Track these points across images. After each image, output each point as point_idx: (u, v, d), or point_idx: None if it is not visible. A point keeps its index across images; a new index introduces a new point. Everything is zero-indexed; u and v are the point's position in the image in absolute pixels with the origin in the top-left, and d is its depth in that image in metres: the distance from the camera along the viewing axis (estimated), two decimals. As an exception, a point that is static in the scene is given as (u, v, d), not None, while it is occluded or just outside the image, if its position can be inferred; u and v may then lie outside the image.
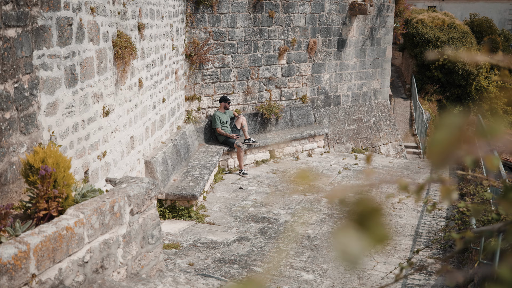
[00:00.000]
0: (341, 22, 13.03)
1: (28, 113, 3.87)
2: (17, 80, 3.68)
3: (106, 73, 5.60)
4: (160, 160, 7.93)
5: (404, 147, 15.27)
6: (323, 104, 13.15)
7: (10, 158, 3.64)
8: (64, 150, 4.52)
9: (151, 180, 4.46)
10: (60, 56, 4.40)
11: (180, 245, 6.62)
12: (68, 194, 3.61)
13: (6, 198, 3.63)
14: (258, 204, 8.65)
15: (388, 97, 15.32)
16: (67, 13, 4.51)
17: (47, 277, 3.09)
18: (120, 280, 3.98)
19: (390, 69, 15.33)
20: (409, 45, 20.97)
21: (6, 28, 3.51)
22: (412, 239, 7.30)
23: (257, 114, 11.75)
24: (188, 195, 7.88)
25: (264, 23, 11.56)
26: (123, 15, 6.20)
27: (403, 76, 22.31)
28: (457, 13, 28.68)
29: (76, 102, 4.78)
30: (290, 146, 11.93)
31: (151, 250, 4.42)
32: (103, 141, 5.59)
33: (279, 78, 12.09)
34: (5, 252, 2.78)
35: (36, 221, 3.41)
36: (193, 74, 10.72)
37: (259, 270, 6.01)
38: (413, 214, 8.44)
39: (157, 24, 7.97)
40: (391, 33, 14.72)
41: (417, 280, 5.90)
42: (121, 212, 3.93)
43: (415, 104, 18.46)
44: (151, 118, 7.85)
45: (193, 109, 10.83)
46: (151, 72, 7.76)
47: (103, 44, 5.48)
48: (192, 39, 10.54)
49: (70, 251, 3.29)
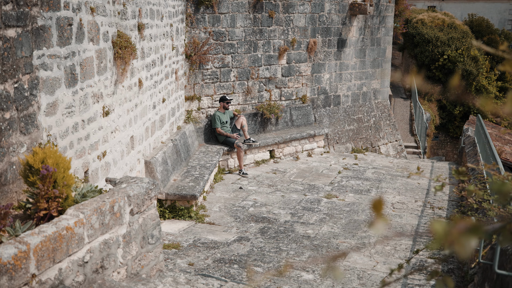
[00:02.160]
0: (341, 22, 13.03)
1: (28, 113, 3.87)
2: (17, 80, 3.68)
3: (106, 73, 5.60)
4: (160, 160, 7.93)
5: (404, 147, 15.28)
6: (323, 104, 13.15)
7: (10, 158, 3.64)
8: (64, 150, 4.52)
9: (151, 180, 4.46)
10: (60, 56, 4.40)
11: (180, 245, 6.62)
12: (68, 194, 3.61)
13: (6, 198, 3.63)
14: (258, 204, 8.65)
15: (388, 97, 15.32)
16: (67, 13, 4.51)
17: (47, 277, 3.09)
18: (120, 280, 3.98)
19: (390, 69, 15.34)
20: (409, 45, 20.98)
21: (6, 28, 3.51)
22: (412, 239, 7.30)
23: (257, 114, 11.75)
24: (188, 195, 7.88)
25: (264, 23, 11.56)
26: (123, 15, 6.20)
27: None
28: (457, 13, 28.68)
29: (76, 102, 4.78)
30: (290, 146, 11.93)
31: (151, 250, 4.42)
32: (103, 141, 5.59)
33: (279, 78, 12.10)
34: (5, 252, 2.78)
35: (36, 221, 3.41)
36: (193, 74, 10.72)
37: (259, 270, 6.01)
38: (413, 214, 8.44)
39: (157, 24, 7.97)
40: (391, 33, 14.72)
41: (417, 280, 5.89)
42: (121, 212, 3.93)
43: (415, 104, 18.47)
44: (151, 118, 7.85)
45: (193, 109, 10.83)
46: (151, 72, 7.76)
47: (103, 44, 5.48)
48: (192, 39, 10.54)
49: (70, 251, 3.29)
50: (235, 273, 5.88)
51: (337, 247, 6.86)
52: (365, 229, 7.63)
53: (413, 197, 9.49)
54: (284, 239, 7.09)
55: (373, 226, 1.04)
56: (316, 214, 8.26)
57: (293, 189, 9.64)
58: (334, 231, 7.51)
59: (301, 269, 6.10)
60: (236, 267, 6.04)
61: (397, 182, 10.54)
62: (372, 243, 7.07)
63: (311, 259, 6.42)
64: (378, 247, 6.94)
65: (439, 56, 19.70)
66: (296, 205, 8.69)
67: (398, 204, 8.98)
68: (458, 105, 19.95)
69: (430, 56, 19.86)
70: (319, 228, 7.58)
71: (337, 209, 8.53)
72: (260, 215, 8.06)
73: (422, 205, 8.98)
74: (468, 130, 13.28)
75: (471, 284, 5.54)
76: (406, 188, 10.05)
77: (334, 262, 1.19)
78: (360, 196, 9.40)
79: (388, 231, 7.56)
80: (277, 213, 8.22)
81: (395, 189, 9.99)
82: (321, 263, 6.26)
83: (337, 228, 7.65)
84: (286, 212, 8.27)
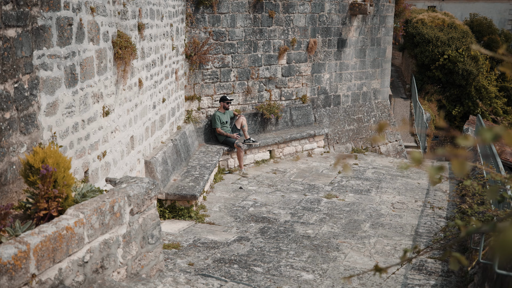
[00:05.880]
0: (341, 22, 13.03)
1: (28, 113, 3.87)
2: (17, 80, 3.68)
3: (106, 73, 5.60)
4: (160, 160, 7.93)
5: (404, 147, 15.28)
6: (323, 104, 13.15)
7: (10, 158, 3.64)
8: (64, 150, 4.52)
9: (151, 180, 4.46)
10: (60, 56, 4.40)
11: (180, 245, 6.62)
12: (68, 194, 3.61)
13: (6, 198, 3.63)
14: (258, 204, 8.65)
15: (388, 97, 15.32)
16: (67, 13, 4.51)
17: (47, 277, 3.09)
18: (120, 280, 3.98)
19: (390, 69, 15.34)
20: (409, 45, 20.96)
21: (6, 28, 3.51)
22: (412, 239, 7.30)
23: (257, 114, 11.75)
24: (188, 195, 7.88)
25: (264, 23, 11.56)
26: (123, 15, 6.20)
27: (403, 76, 22.31)
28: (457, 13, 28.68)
29: (76, 102, 4.78)
30: (290, 146, 11.93)
31: (151, 250, 4.43)
32: (103, 141, 5.59)
33: (279, 78, 12.10)
34: (5, 252, 2.78)
35: (36, 221, 3.41)
36: (193, 74, 10.72)
37: (259, 270, 6.01)
38: (413, 214, 8.44)
39: (157, 24, 7.97)
40: (391, 33, 14.71)
41: (417, 280, 5.90)
42: (121, 212, 3.93)
43: (415, 104, 18.47)
44: (151, 118, 7.85)
45: (193, 109, 10.83)
46: (151, 72, 7.76)
47: (103, 44, 5.48)
48: (192, 39, 10.54)
49: (70, 251, 3.29)
50: (235, 273, 5.88)
51: (337, 247, 6.86)
52: (365, 229, 7.63)
53: (413, 197, 9.49)
54: (284, 239, 7.09)
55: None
56: (316, 214, 8.26)
57: (293, 189, 9.64)
58: (334, 231, 7.51)
59: (301, 269, 6.10)
60: (236, 267, 6.04)
61: (397, 182, 10.54)
62: (372, 243, 7.07)
63: (311, 259, 6.42)
64: (378, 247, 6.94)
65: (439, 56, 19.69)
66: (296, 205, 8.69)
67: (398, 204, 8.98)
68: (458, 105, 19.94)
69: (430, 56, 19.86)
70: (319, 228, 7.58)
71: (337, 209, 8.53)
72: (260, 215, 8.06)
73: (422, 205, 8.98)
74: (468, 130, 13.29)
75: (471, 284, 5.54)
76: (406, 188, 10.05)
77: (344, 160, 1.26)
78: (360, 196, 9.40)
79: (388, 231, 7.56)
80: (277, 213, 8.23)
81: (395, 189, 9.99)
82: (321, 263, 6.26)
83: (337, 228, 7.65)
84: (286, 212, 8.27)
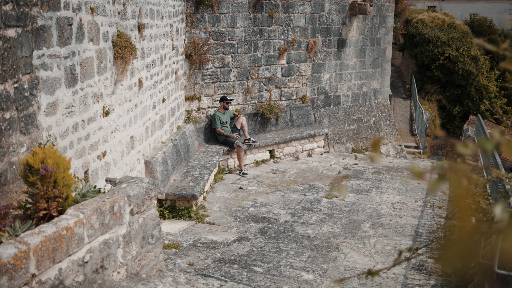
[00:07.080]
0: (341, 22, 13.03)
1: (28, 113, 3.87)
2: (17, 80, 3.68)
3: (106, 73, 5.60)
4: (160, 160, 7.93)
5: (404, 147, 15.28)
6: (323, 104, 13.15)
7: (10, 158, 3.64)
8: (64, 150, 4.52)
9: (151, 180, 4.46)
10: (60, 56, 4.40)
11: (180, 245, 6.62)
12: (68, 194, 3.61)
13: (6, 198, 3.63)
14: (258, 204, 8.65)
15: (388, 97, 15.32)
16: (67, 13, 4.51)
17: (47, 277, 3.09)
18: (120, 280, 3.98)
19: (390, 69, 15.33)
20: (409, 45, 20.97)
21: (6, 28, 3.51)
22: (412, 239, 7.30)
23: (257, 114, 11.75)
24: (188, 195, 7.88)
25: (264, 23, 11.56)
26: (123, 15, 6.20)
27: (403, 76, 22.31)
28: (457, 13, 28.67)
29: (76, 102, 4.78)
30: (290, 146, 11.93)
31: (151, 250, 4.43)
32: (103, 141, 5.59)
33: (279, 78, 12.10)
34: (5, 252, 2.78)
35: (36, 221, 3.41)
36: (193, 74, 10.72)
37: (259, 270, 6.01)
38: (413, 214, 8.44)
39: (157, 24, 7.97)
40: (391, 33, 14.71)
41: (417, 280, 5.90)
42: (121, 212, 3.93)
43: (415, 104, 18.47)
44: (151, 118, 7.85)
45: (193, 109, 10.83)
46: (151, 72, 7.76)
47: (103, 44, 5.48)
48: (192, 39, 10.54)
49: (70, 251, 3.29)
50: (235, 273, 5.88)
51: (337, 247, 6.86)
52: (365, 229, 7.63)
53: (413, 197, 9.49)
54: (284, 239, 7.09)
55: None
56: (316, 214, 8.26)
57: (293, 189, 9.64)
58: (334, 231, 7.51)
59: (301, 269, 6.10)
60: (236, 267, 6.04)
61: (397, 182, 10.54)
62: (372, 243, 7.07)
63: (311, 259, 6.42)
64: (378, 247, 6.94)
65: (439, 56, 19.69)
66: (296, 205, 8.69)
67: (398, 204, 8.98)
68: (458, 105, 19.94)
69: (430, 56, 19.86)
70: (319, 228, 7.58)
71: (337, 209, 8.53)
72: (260, 215, 8.06)
73: (422, 205, 8.98)
74: (468, 130, 13.28)
75: (471, 284, 5.54)
76: (406, 188, 10.05)
77: (340, 182, 1.25)
78: (360, 196, 9.40)
79: (388, 231, 7.56)
80: (277, 213, 8.23)
81: (395, 189, 9.99)
82: (321, 264, 6.26)
83: (337, 228, 7.65)
84: (286, 212, 8.27)
